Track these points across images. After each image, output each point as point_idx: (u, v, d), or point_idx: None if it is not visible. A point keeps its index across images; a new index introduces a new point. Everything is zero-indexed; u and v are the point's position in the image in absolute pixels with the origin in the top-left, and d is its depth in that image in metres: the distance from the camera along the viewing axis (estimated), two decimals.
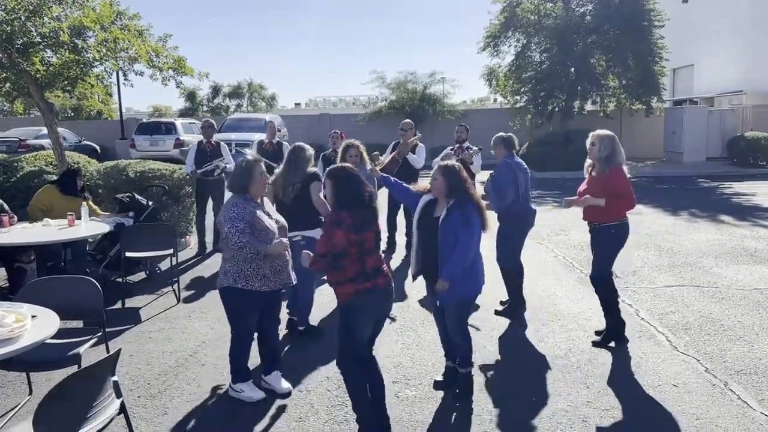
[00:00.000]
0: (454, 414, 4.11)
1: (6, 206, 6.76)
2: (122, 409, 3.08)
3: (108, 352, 4.40)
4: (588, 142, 5.11)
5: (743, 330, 5.49)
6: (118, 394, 3.04)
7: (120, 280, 6.98)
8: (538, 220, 6.25)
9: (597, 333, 5.37)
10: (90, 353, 4.45)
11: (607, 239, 5.10)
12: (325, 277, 3.86)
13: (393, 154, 8.13)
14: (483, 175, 7.23)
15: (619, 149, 5.01)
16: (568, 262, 8.04)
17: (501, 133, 6.21)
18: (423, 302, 6.33)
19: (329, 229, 3.60)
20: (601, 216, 5.04)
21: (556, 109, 21.87)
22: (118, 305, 6.40)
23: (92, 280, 4.23)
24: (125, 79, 9.36)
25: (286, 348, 5.22)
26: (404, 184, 4.76)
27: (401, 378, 4.64)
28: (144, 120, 25.12)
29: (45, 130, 20.03)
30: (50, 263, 6.54)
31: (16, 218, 6.43)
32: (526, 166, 6.05)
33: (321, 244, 3.64)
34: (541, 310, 6.16)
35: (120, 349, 3.07)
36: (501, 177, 5.79)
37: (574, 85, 21.45)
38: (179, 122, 21.47)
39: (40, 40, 8.47)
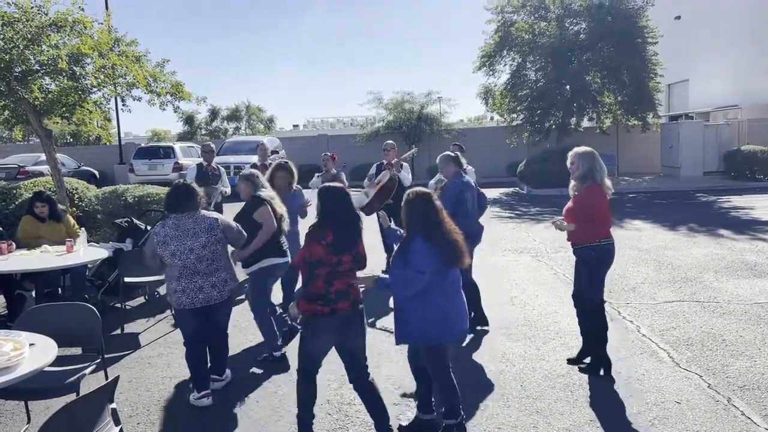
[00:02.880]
0: None
1: (5, 234, 6.76)
2: None
3: (107, 378, 4.37)
4: (568, 161, 4.92)
5: (745, 345, 5.47)
6: (117, 422, 3.02)
7: (119, 305, 6.96)
8: (537, 237, 6.28)
9: (569, 361, 5.14)
10: (89, 380, 4.43)
11: (588, 262, 4.87)
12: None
13: (378, 182, 8.17)
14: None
15: (598, 166, 4.78)
16: (569, 280, 8.00)
17: (448, 152, 6.33)
18: None
19: (309, 242, 3.68)
20: (580, 237, 4.85)
21: (553, 126, 22.00)
22: (118, 330, 6.38)
23: (90, 306, 4.22)
24: (123, 105, 9.43)
25: (284, 370, 5.19)
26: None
27: (397, 394, 4.61)
28: (142, 144, 25.22)
29: (44, 157, 20.12)
30: (49, 290, 6.52)
31: (14, 245, 6.43)
32: (473, 185, 6.20)
33: (300, 256, 3.78)
34: (542, 327, 6.14)
35: (118, 376, 3.05)
36: (444, 195, 5.80)
37: (570, 103, 21.59)
38: (177, 146, 21.56)
39: (38, 68, 8.55)
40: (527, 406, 4.43)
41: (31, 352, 3.37)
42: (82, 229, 6.88)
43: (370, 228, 8.99)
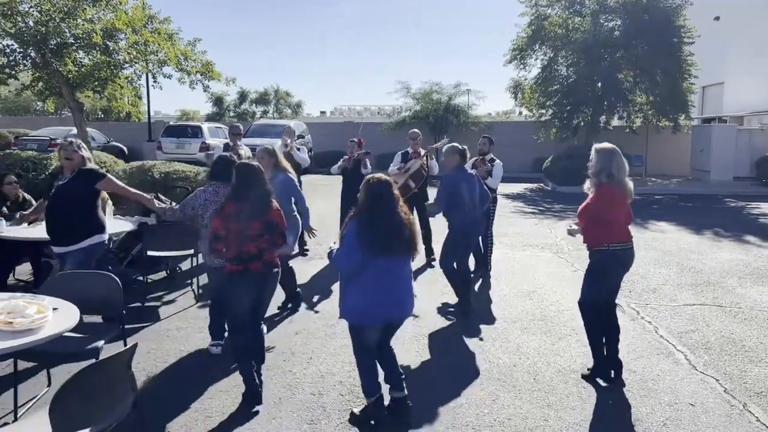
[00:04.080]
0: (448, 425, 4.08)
1: (33, 201, 6.90)
2: (135, 404, 3.12)
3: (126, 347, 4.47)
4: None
5: (765, 351, 5.39)
6: (133, 389, 3.08)
7: (141, 278, 7.07)
8: (560, 234, 6.28)
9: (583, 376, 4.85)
10: (108, 349, 4.53)
11: (593, 264, 4.67)
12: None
13: (407, 169, 8.18)
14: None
15: (617, 165, 4.49)
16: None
17: (456, 144, 6.48)
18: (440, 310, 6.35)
19: (214, 215, 4.31)
20: (590, 239, 4.66)
21: (582, 123, 21.74)
22: (139, 303, 6.50)
23: (113, 275, 4.31)
24: (154, 82, 9.54)
25: (292, 350, 5.24)
26: None
27: (415, 383, 4.63)
28: (171, 123, 25.47)
29: (75, 130, 20.46)
30: None
31: (43, 214, 6.55)
32: (475, 179, 6.39)
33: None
34: (559, 323, 6.12)
35: (136, 344, 3.11)
36: (441, 186, 6.22)
37: (600, 100, 21.30)
38: (205, 126, 21.72)
39: (73, 41, 8.67)
40: (539, 399, 4.43)
41: (54, 316, 3.45)
42: (109, 202, 6.99)
43: None
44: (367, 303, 3.81)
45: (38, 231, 6.08)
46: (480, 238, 7.96)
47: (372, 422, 4.00)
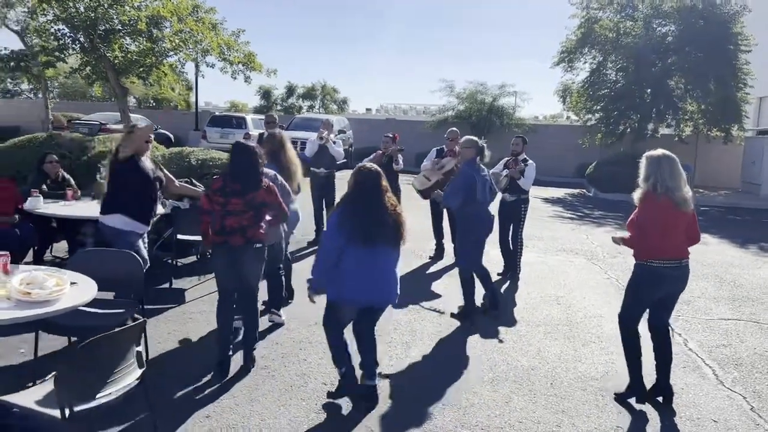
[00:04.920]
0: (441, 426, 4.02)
1: (73, 182, 7.10)
2: (143, 379, 3.16)
3: (145, 326, 4.54)
4: None
5: None
6: (141, 364, 3.13)
7: (171, 261, 7.20)
8: (596, 240, 6.14)
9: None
10: None
11: (631, 278, 4.41)
12: None
13: (442, 166, 8.12)
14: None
15: (664, 173, 4.12)
16: (621, 285, 7.75)
17: (475, 137, 6.37)
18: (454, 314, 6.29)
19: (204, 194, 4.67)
20: (634, 251, 4.37)
21: (628, 129, 21.24)
22: (166, 284, 6.62)
23: (135, 255, 4.39)
24: (197, 70, 9.68)
25: (309, 339, 5.26)
26: None
27: (430, 382, 4.59)
28: (217, 113, 25.91)
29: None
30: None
31: (80, 193, 6.76)
32: (486, 174, 6.28)
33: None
34: (584, 330, 5.98)
35: (145, 321, 3.16)
36: (457, 180, 6.11)
37: (649, 107, 20.77)
38: (249, 117, 22.04)
39: (120, 28, 8.87)
40: (553, 405, 4.33)
41: (72, 290, 3.53)
42: None
43: (422, 212, 9.01)
44: (348, 285, 3.92)
45: (74, 209, 6.26)
46: (510, 239, 7.87)
47: (346, 397, 4.11)
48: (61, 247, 7.45)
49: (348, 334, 4.23)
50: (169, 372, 4.52)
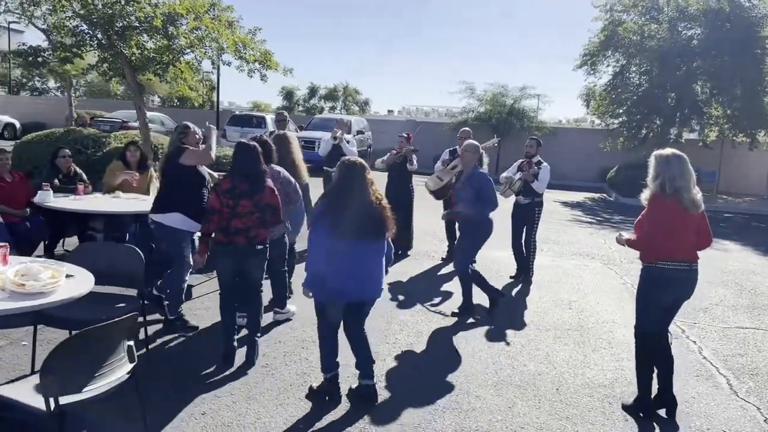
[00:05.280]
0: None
1: (84, 176, 7.13)
2: (134, 374, 3.12)
3: (145, 320, 4.53)
4: None
5: None
6: (132, 359, 3.09)
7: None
8: (614, 245, 6.08)
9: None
10: None
11: (639, 282, 4.25)
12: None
13: (454, 167, 8.03)
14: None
15: (673, 173, 3.94)
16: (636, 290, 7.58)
17: (476, 142, 6.37)
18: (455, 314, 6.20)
19: (211, 193, 4.60)
20: (641, 254, 4.20)
21: (651, 134, 20.89)
22: None
23: (136, 249, 4.37)
24: (213, 68, 9.70)
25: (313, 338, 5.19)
26: None
27: (433, 384, 4.50)
28: (237, 112, 26.06)
29: (149, 114, 21.21)
30: (117, 234, 6.82)
31: (91, 188, 6.78)
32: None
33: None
34: (595, 335, 5.84)
35: (135, 315, 3.11)
36: (489, 185, 5.99)
37: (673, 111, 20.41)
38: (269, 117, 22.11)
39: (137, 25, 8.91)
40: (558, 411, 4.21)
41: (68, 282, 3.51)
42: (155, 180, 7.14)
43: (435, 213, 8.90)
44: (330, 280, 3.86)
45: (83, 203, 6.28)
46: (523, 242, 7.74)
47: (326, 398, 4.07)
48: (72, 241, 7.47)
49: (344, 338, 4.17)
50: (169, 367, 4.49)
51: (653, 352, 4.19)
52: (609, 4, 21.27)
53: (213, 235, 4.53)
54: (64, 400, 2.76)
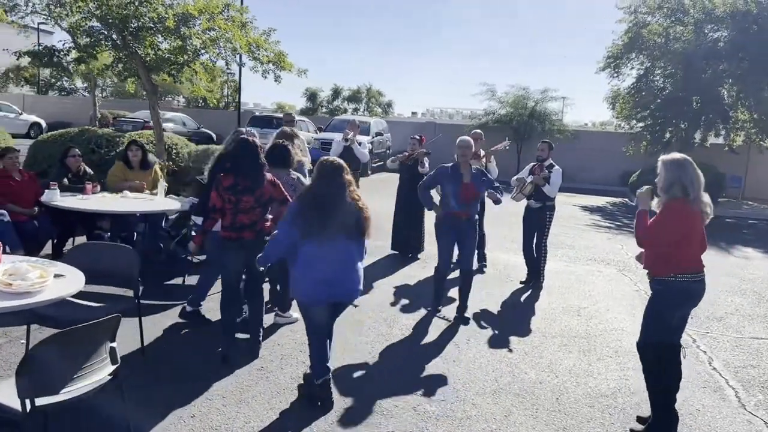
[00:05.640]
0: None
1: (94, 176, 7.19)
2: (116, 375, 3.10)
3: (140, 322, 4.53)
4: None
5: None
6: (114, 360, 3.07)
7: (189, 257, 7.20)
8: (631, 251, 5.97)
9: (639, 420, 4.17)
10: (125, 322, 4.65)
11: (654, 296, 3.94)
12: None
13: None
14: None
15: (690, 177, 3.76)
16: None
17: (470, 138, 6.33)
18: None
19: (211, 189, 4.63)
20: (655, 264, 3.92)
21: (674, 138, 20.50)
22: (180, 280, 6.62)
23: (132, 249, 4.38)
24: (227, 68, 9.72)
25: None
26: None
27: (426, 391, 4.42)
28: (257, 113, 26.21)
29: (170, 114, 21.40)
30: (124, 233, 6.87)
31: (99, 188, 6.82)
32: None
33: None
34: (602, 343, 5.70)
35: (118, 316, 3.08)
36: (487, 180, 6.24)
37: (697, 115, 20.00)
38: None
39: (151, 25, 8.96)
40: (555, 421, 4.10)
41: (57, 282, 3.51)
42: (162, 180, 7.18)
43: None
44: (310, 281, 3.87)
45: (89, 203, 6.32)
46: (534, 246, 7.61)
47: (318, 403, 4.02)
48: (81, 241, 7.52)
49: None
50: (163, 368, 4.47)
51: (665, 363, 3.94)
52: (633, 6, 20.95)
53: (222, 231, 4.63)
54: (43, 401, 2.75)
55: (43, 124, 24.97)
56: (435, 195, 6.38)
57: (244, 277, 4.87)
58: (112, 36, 8.82)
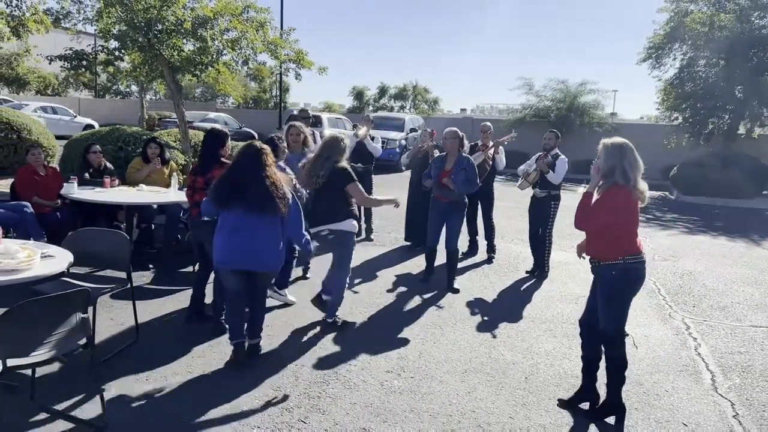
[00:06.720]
0: (429, 411, 4.02)
1: (113, 170, 7.65)
2: (88, 346, 3.43)
3: (134, 305, 4.85)
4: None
5: None
6: (85, 330, 3.40)
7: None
8: (654, 242, 6.50)
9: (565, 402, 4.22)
10: (122, 306, 5.04)
11: (607, 283, 3.93)
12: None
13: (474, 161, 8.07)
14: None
15: (629, 162, 3.82)
16: (657, 288, 7.39)
17: (456, 129, 6.75)
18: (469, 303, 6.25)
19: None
20: (599, 251, 3.96)
21: (716, 130, 19.91)
22: (189, 268, 6.98)
23: (123, 234, 4.74)
24: (246, 67, 10.10)
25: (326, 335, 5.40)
26: None
27: (397, 368, 4.62)
28: (294, 112, 26.74)
29: (211, 114, 22.03)
30: (143, 225, 7.29)
31: (117, 182, 7.27)
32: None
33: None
34: None
35: (87, 290, 3.41)
36: (474, 166, 6.72)
37: (742, 106, 19.39)
38: (325, 116, 22.61)
39: (173, 28, 9.42)
40: (517, 398, 4.24)
41: (44, 261, 3.87)
42: (175, 174, 7.58)
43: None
44: (219, 244, 4.35)
45: (105, 195, 6.76)
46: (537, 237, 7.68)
47: (240, 368, 4.39)
48: None
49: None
50: (143, 350, 4.77)
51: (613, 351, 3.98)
52: None
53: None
54: (14, 362, 3.10)
55: (96, 125, 26.15)
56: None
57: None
58: (138, 39, 9.29)
